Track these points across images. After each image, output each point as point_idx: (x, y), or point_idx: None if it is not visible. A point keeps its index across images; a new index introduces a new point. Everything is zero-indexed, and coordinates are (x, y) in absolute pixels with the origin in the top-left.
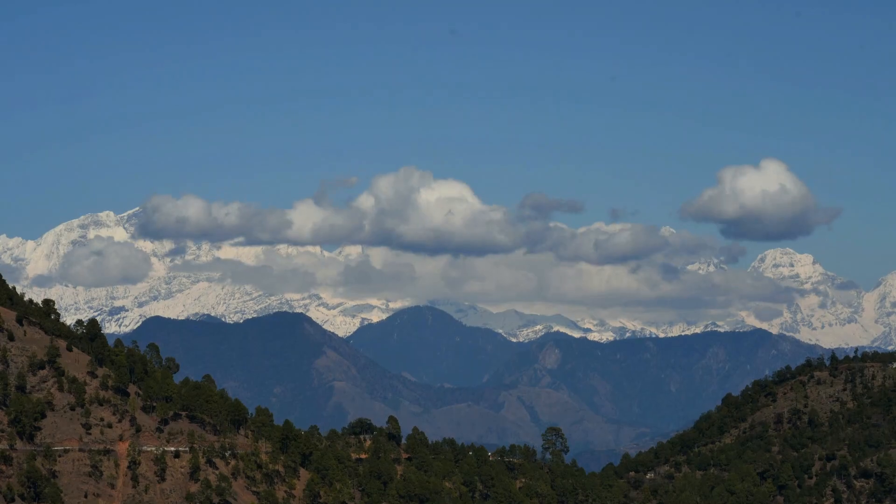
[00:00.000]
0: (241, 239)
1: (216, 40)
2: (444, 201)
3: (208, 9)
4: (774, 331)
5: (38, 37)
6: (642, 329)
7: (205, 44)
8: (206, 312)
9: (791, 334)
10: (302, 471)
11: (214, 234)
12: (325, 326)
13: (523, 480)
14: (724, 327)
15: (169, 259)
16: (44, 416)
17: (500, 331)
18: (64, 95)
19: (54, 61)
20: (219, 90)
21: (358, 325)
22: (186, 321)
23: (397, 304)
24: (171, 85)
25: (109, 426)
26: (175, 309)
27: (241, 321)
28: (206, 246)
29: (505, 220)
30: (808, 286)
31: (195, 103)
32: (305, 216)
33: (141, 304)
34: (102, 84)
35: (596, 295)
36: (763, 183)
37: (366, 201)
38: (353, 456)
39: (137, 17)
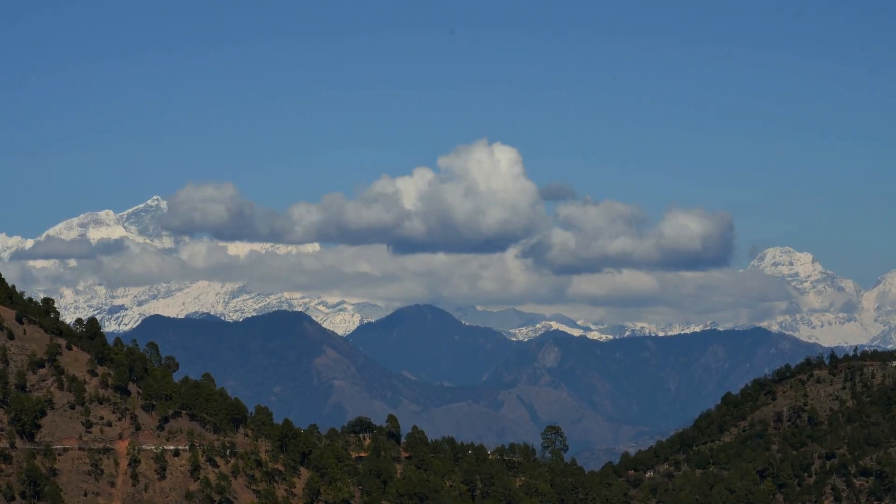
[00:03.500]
0: (240, 237)
1: (215, 39)
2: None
3: (210, 9)
4: (774, 329)
5: (37, 37)
6: (642, 328)
7: (204, 42)
8: (205, 311)
9: (790, 333)
10: (302, 469)
11: (214, 233)
12: (324, 325)
13: (523, 479)
14: (723, 326)
15: (168, 257)
16: (44, 414)
17: (500, 329)
18: (64, 95)
19: (54, 61)
20: (218, 89)
21: (357, 323)
22: (186, 320)
23: (397, 303)
24: (170, 84)
25: (109, 425)
26: (174, 308)
27: (241, 320)
28: (205, 244)
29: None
30: (807, 285)
31: (195, 102)
32: (305, 215)
33: (140, 303)
34: (102, 83)
35: (595, 294)
36: None
37: (366, 200)
38: (353, 454)
39: (137, 17)
